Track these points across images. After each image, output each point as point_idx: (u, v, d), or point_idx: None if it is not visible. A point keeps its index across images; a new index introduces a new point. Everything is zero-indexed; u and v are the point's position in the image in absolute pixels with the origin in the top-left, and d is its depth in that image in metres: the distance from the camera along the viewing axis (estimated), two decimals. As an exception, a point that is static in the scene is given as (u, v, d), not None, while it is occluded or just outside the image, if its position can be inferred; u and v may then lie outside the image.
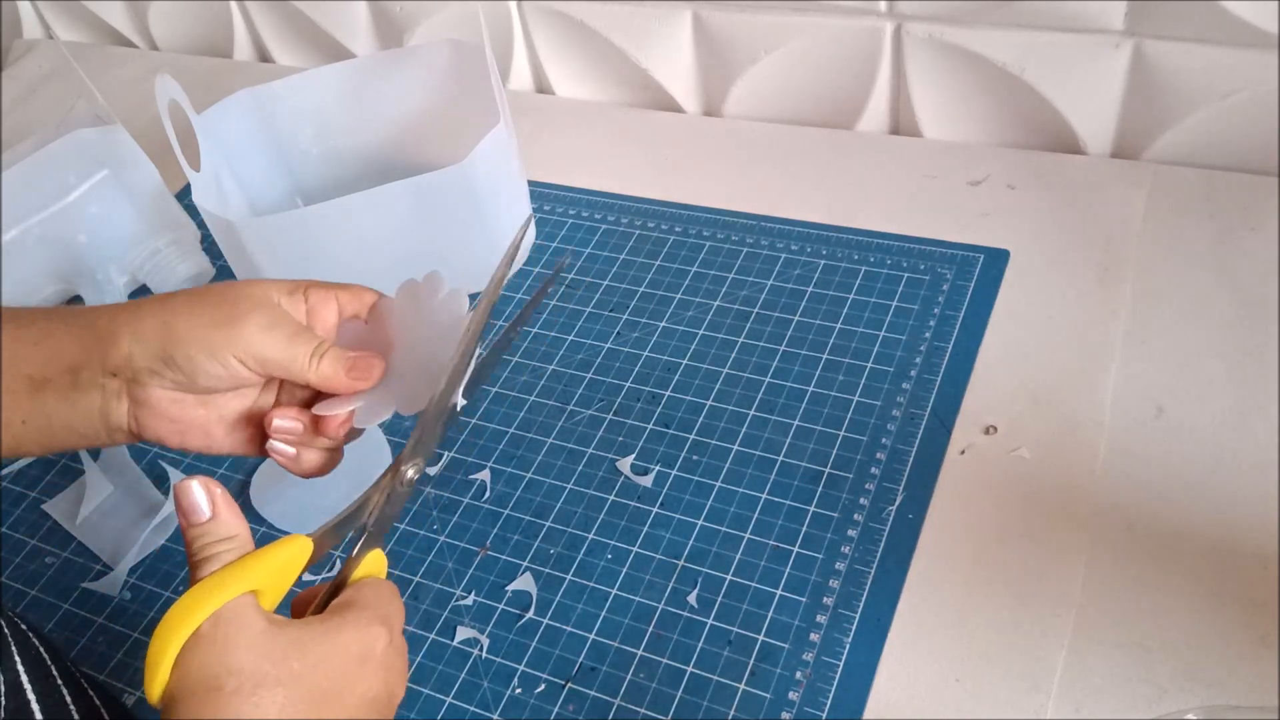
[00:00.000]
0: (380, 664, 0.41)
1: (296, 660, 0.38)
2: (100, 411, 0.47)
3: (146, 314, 0.47)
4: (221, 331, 0.46)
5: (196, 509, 0.41)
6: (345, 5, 0.98)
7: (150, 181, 0.79)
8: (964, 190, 0.76)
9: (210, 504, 0.41)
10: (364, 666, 0.40)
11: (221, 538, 0.40)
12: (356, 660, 0.40)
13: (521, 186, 0.75)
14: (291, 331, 0.47)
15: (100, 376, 0.47)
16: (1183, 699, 0.50)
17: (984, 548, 0.57)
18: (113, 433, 0.48)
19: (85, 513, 0.67)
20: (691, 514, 0.61)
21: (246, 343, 0.46)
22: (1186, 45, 0.69)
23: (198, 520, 0.40)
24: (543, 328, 0.73)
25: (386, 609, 0.43)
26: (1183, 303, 0.65)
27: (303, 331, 0.48)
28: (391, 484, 0.46)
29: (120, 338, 0.46)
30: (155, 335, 0.46)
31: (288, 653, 0.38)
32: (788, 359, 0.67)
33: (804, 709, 0.52)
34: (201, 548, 0.40)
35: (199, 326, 0.46)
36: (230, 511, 0.41)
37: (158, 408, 0.47)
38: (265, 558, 0.40)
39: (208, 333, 0.46)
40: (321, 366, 0.47)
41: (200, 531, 0.40)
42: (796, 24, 0.80)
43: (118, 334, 0.46)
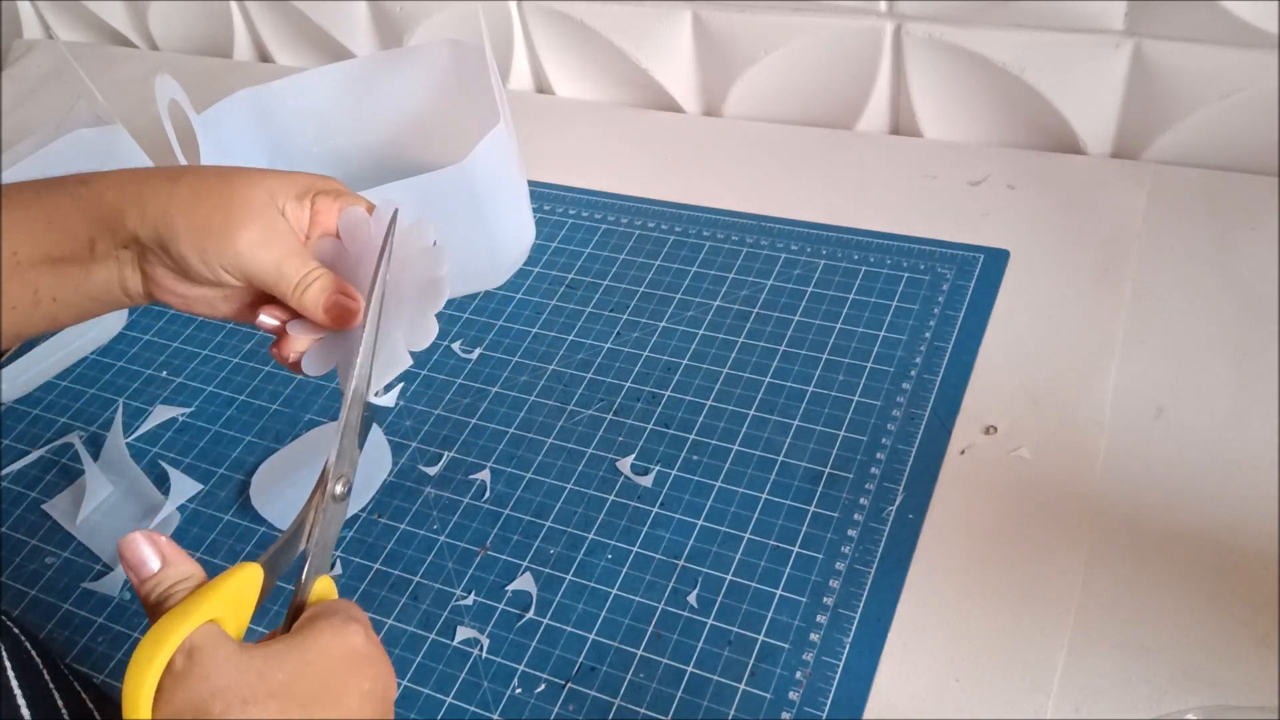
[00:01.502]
0: (365, 657, 0.40)
1: (280, 672, 0.38)
2: (118, 280, 0.48)
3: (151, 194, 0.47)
4: (213, 239, 0.46)
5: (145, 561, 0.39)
6: (345, 5, 0.98)
7: (150, 181, 0.78)
8: (964, 190, 0.76)
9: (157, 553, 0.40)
10: (351, 663, 0.40)
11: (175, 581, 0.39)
12: (341, 659, 0.40)
13: (521, 186, 0.75)
14: (284, 252, 0.47)
15: (114, 249, 0.47)
16: (1183, 699, 0.50)
17: (984, 548, 0.57)
18: (133, 297, 0.49)
19: (85, 513, 0.67)
20: (691, 514, 0.61)
21: (236, 254, 0.46)
22: (1186, 45, 0.69)
23: (148, 573, 0.39)
24: (543, 328, 0.73)
25: (352, 612, 0.42)
26: (1183, 303, 0.66)
27: (295, 254, 0.47)
28: (324, 502, 0.44)
29: (127, 215, 0.47)
30: (156, 221, 0.46)
31: (269, 666, 0.38)
32: (788, 359, 0.67)
33: (804, 709, 0.52)
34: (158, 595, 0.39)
35: (194, 228, 0.46)
36: (178, 555, 0.40)
37: (163, 282, 0.48)
38: (219, 587, 0.39)
39: (200, 237, 0.46)
40: (304, 297, 0.47)
41: (154, 581, 0.39)
42: (796, 24, 0.80)
43: (125, 211, 0.47)
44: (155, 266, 0.48)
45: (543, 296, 0.75)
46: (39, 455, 0.72)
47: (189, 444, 0.71)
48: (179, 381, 0.75)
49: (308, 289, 0.47)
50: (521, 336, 0.73)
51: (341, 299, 0.48)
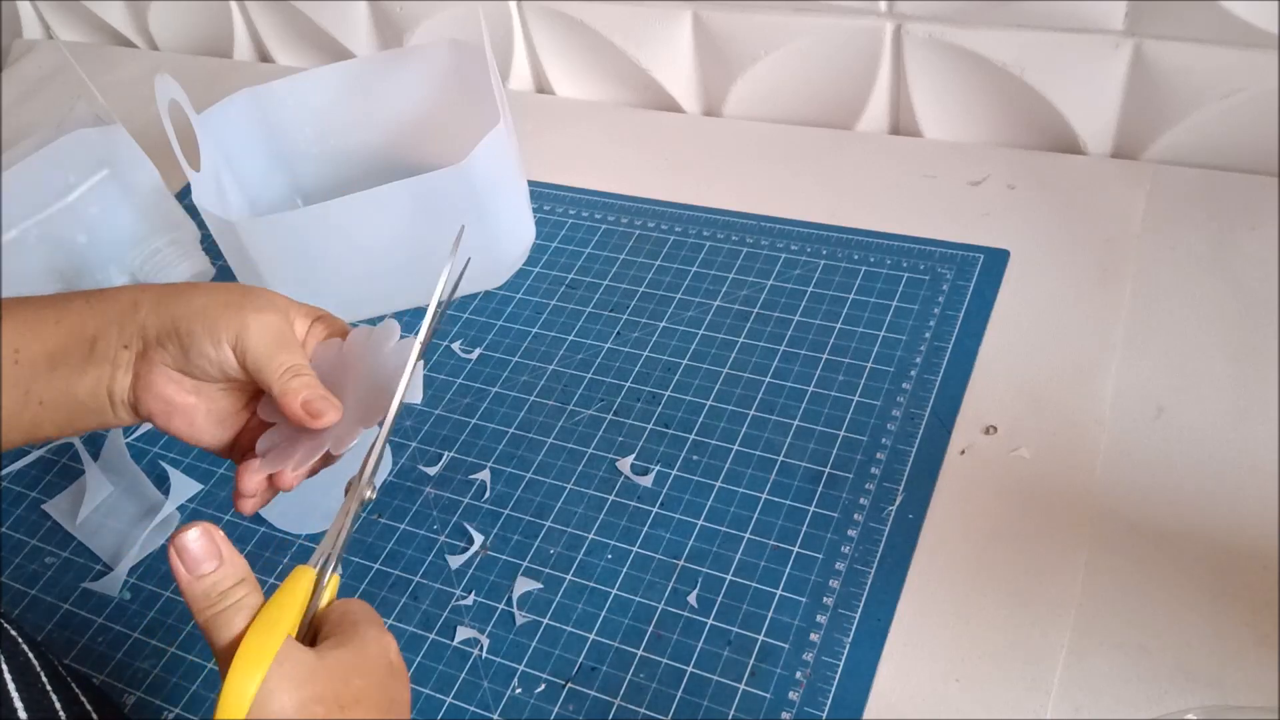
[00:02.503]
0: (400, 670, 0.43)
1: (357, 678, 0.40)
2: (106, 385, 0.48)
3: (172, 292, 0.49)
4: (229, 314, 0.47)
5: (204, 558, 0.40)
6: (345, 5, 0.98)
7: (150, 181, 0.79)
8: (964, 190, 0.76)
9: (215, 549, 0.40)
10: (392, 675, 0.42)
11: (235, 582, 0.40)
12: (387, 670, 0.41)
13: (521, 186, 0.75)
14: (286, 341, 0.48)
15: (114, 349, 0.48)
16: (1183, 699, 0.50)
17: (984, 548, 0.57)
18: (115, 407, 0.49)
19: (85, 513, 0.67)
20: (691, 514, 0.61)
21: (241, 328, 0.47)
22: (1186, 45, 0.69)
23: (206, 571, 0.40)
24: (543, 328, 0.73)
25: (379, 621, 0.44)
26: (1183, 303, 0.66)
27: (295, 347, 0.49)
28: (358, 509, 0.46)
29: (140, 307, 0.48)
30: (172, 304, 0.48)
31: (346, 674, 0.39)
32: (788, 359, 0.67)
33: (804, 709, 0.52)
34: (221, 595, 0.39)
35: (214, 305, 0.48)
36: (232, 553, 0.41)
37: (154, 385, 0.48)
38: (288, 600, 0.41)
39: (218, 311, 0.47)
40: (288, 384, 0.47)
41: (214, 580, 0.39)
42: (796, 24, 0.80)
43: (139, 305, 0.48)
44: (152, 364, 0.48)
45: (543, 296, 0.75)
46: (39, 455, 0.72)
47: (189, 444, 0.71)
48: (179, 381, 0.75)
49: (295, 377, 0.48)
50: (521, 336, 0.73)
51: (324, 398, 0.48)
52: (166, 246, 0.79)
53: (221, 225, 0.69)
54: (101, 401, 0.49)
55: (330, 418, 0.48)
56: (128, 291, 0.49)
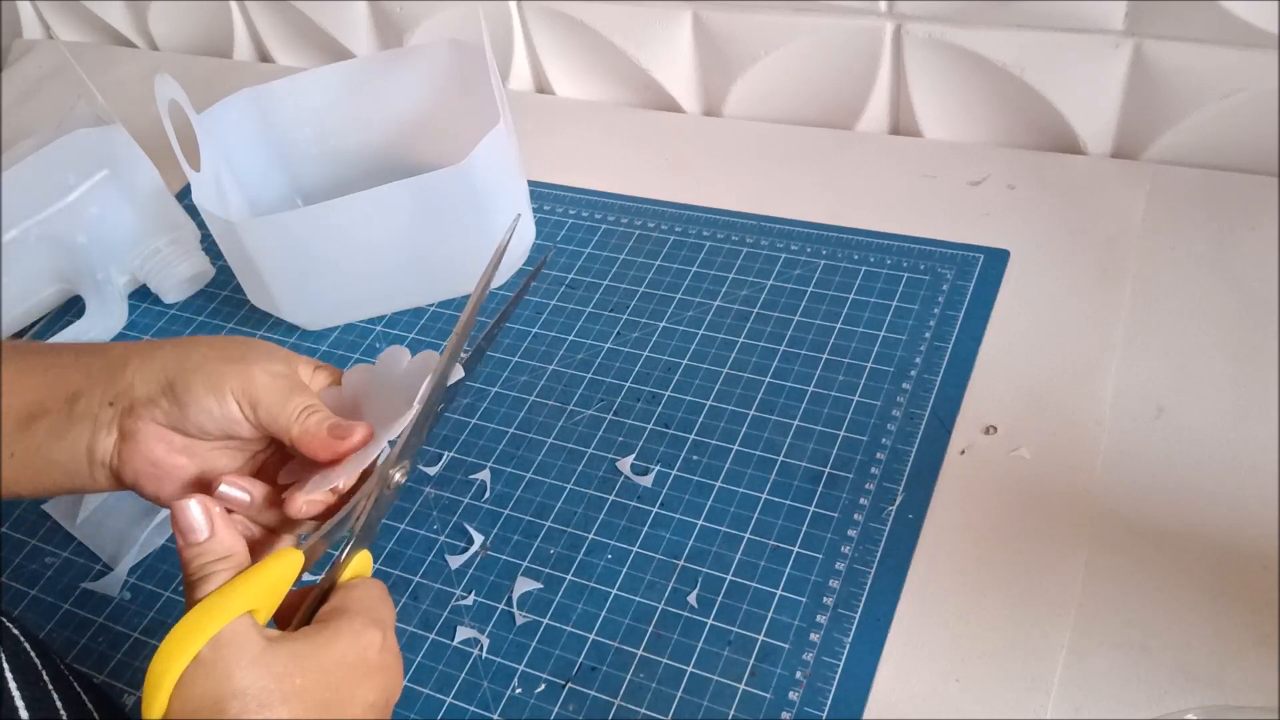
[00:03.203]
0: (377, 668, 0.42)
1: (298, 675, 0.39)
2: (87, 445, 0.46)
3: (165, 345, 0.47)
4: (229, 368, 0.46)
5: (195, 528, 0.40)
6: (345, 5, 0.98)
7: (150, 181, 0.79)
8: (964, 190, 0.76)
9: (209, 522, 0.41)
10: (362, 673, 0.41)
11: (219, 556, 0.40)
12: (354, 668, 0.41)
13: (521, 186, 0.75)
14: (293, 385, 0.47)
15: (96, 406, 0.46)
16: (1183, 699, 0.50)
17: (984, 548, 0.57)
18: (94, 469, 0.47)
19: (85, 513, 0.67)
20: (691, 514, 0.61)
21: (248, 381, 0.46)
22: (1186, 45, 0.69)
23: (196, 539, 0.40)
24: (543, 328, 0.73)
25: (378, 612, 0.43)
26: (1183, 303, 0.66)
27: (304, 390, 0.47)
28: (378, 488, 0.45)
29: (129, 364, 0.46)
30: (166, 362, 0.46)
31: (289, 669, 0.39)
32: (788, 359, 0.67)
33: (804, 709, 0.52)
34: (199, 567, 0.40)
35: (211, 359, 0.46)
36: (228, 530, 0.41)
37: (142, 446, 0.46)
38: (259, 575, 0.40)
39: (217, 366, 0.46)
40: (306, 423, 0.46)
41: (198, 551, 0.40)
42: (796, 24, 0.80)
43: (128, 360, 0.46)
44: (142, 421, 0.46)
45: (543, 296, 0.75)
46: (39, 455, 0.72)
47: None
48: (179, 381, 0.75)
49: (311, 415, 0.46)
50: (521, 336, 0.73)
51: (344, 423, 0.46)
52: (166, 246, 0.79)
53: (221, 225, 0.69)
54: (79, 463, 0.47)
55: (359, 435, 0.46)
56: (118, 347, 0.48)
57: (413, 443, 0.47)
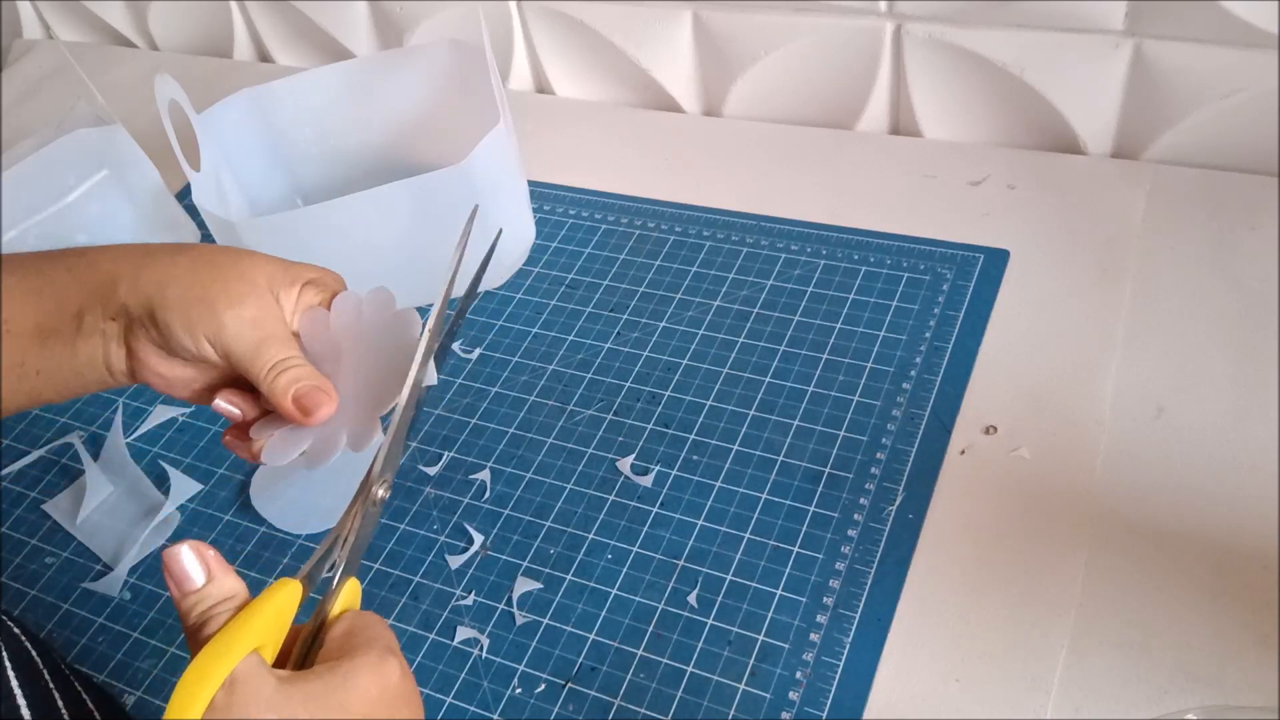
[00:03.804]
0: (398, 696, 0.40)
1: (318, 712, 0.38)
2: (102, 356, 0.48)
3: (148, 265, 0.47)
4: (202, 310, 0.46)
5: (188, 577, 0.39)
6: (345, 5, 0.98)
7: (150, 181, 0.79)
8: (964, 190, 0.76)
9: (204, 567, 0.39)
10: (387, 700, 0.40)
11: (220, 599, 0.39)
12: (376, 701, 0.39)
13: (521, 186, 0.75)
14: (266, 334, 0.46)
15: (101, 321, 0.47)
16: (1183, 699, 0.50)
17: (984, 548, 0.57)
18: (115, 376, 0.49)
19: (85, 513, 0.67)
20: (691, 514, 0.61)
21: (219, 327, 0.46)
22: (1186, 45, 0.69)
23: (191, 588, 0.39)
24: (543, 328, 0.73)
25: (387, 640, 0.41)
26: (1183, 303, 0.65)
27: (277, 339, 0.47)
28: (363, 507, 0.44)
29: (120, 283, 0.47)
30: (149, 291, 0.46)
31: (307, 707, 0.37)
32: (788, 359, 0.67)
33: (804, 709, 0.52)
34: (199, 614, 0.39)
35: (187, 299, 0.46)
36: (225, 572, 0.40)
37: (146, 360, 0.48)
38: (262, 610, 0.39)
39: (191, 307, 0.46)
40: (275, 382, 0.46)
41: (196, 599, 0.39)
42: (796, 24, 0.80)
43: (119, 279, 0.47)
44: (140, 341, 0.47)
45: (543, 296, 0.75)
46: (39, 455, 0.72)
47: (189, 444, 0.71)
48: (179, 381, 0.75)
49: (281, 374, 0.46)
50: (521, 336, 0.73)
51: (314, 390, 0.46)
52: (166, 246, 0.79)
53: (221, 225, 0.69)
54: (100, 372, 0.48)
55: (325, 411, 0.46)
56: (106, 260, 0.48)
57: (393, 454, 0.45)
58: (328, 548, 0.43)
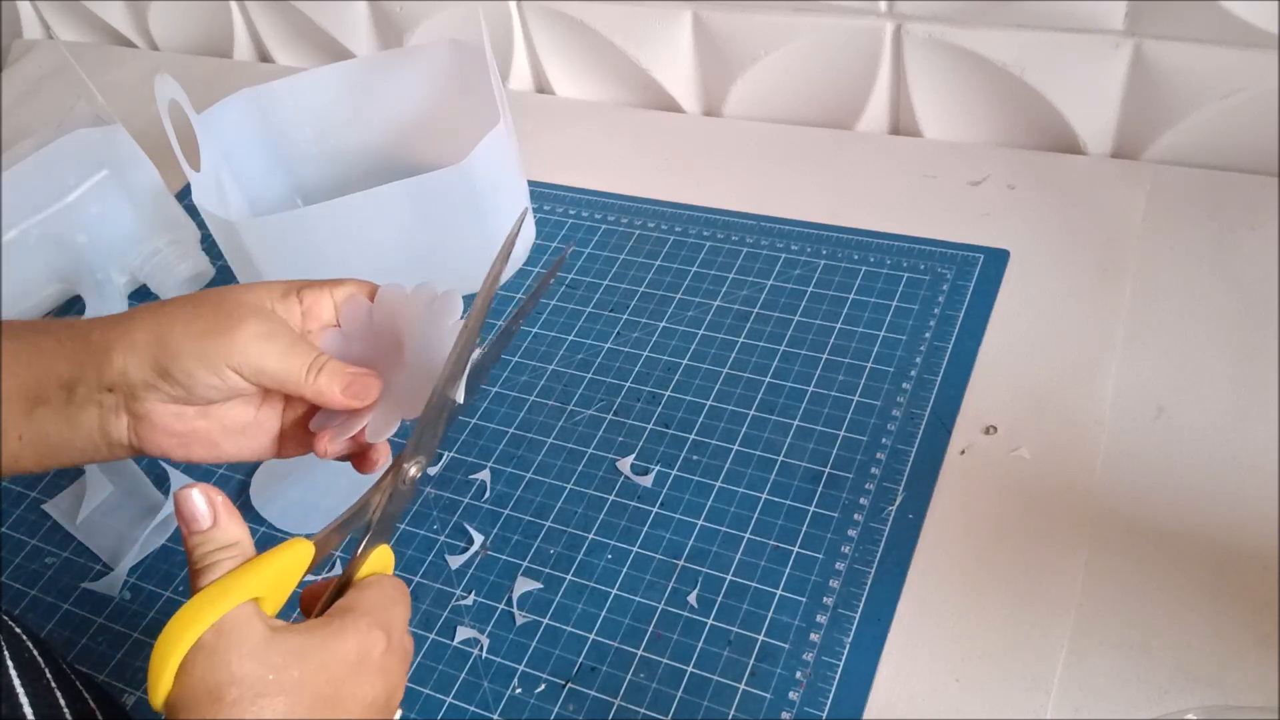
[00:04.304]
0: (378, 668, 0.41)
1: (296, 668, 0.39)
2: (99, 428, 0.46)
3: (139, 325, 0.46)
4: (216, 341, 0.45)
5: (197, 517, 0.40)
6: (345, 5, 0.98)
7: (150, 181, 0.79)
8: (964, 190, 0.76)
9: (211, 511, 0.40)
10: (362, 671, 0.41)
11: (223, 545, 0.40)
12: (354, 665, 0.40)
13: (521, 186, 0.75)
14: (288, 342, 0.46)
15: (96, 392, 0.46)
16: (1183, 699, 0.50)
17: (984, 548, 0.57)
18: (113, 448, 0.47)
19: (85, 513, 0.67)
20: (691, 514, 0.61)
21: (242, 353, 0.45)
22: (1186, 45, 0.69)
23: (199, 528, 0.40)
24: (543, 328, 0.73)
25: (388, 612, 0.42)
26: (1183, 303, 0.66)
27: (299, 342, 0.47)
28: (394, 483, 0.46)
29: (113, 351, 0.45)
30: (149, 348, 0.45)
31: (288, 660, 0.38)
32: (788, 359, 0.67)
33: (804, 709, 0.52)
34: (202, 556, 0.40)
35: (193, 337, 0.45)
36: (231, 519, 0.41)
37: (158, 422, 0.46)
38: (266, 564, 0.40)
39: (202, 343, 0.45)
40: (318, 381, 0.46)
41: (201, 539, 0.40)
42: (796, 24, 0.80)
43: (111, 347, 0.45)
44: (148, 404, 0.46)
45: (543, 296, 0.75)
46: (39, 455, 0.72)
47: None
48: (179, 381, 0.75)
49: (320, 372, 0.46)
50: (521, 336, 0.73)
51: (359, 376, 0.47)
52: (166, 246, 0.79)
53: (221, 225, 0.69)
54: (93, 443, 0.47)
55: (375, 390, 0.47)
56: (96, 331, 0.46)
57: (428, 437, 0.46)
58: (349, 516, 0.44)
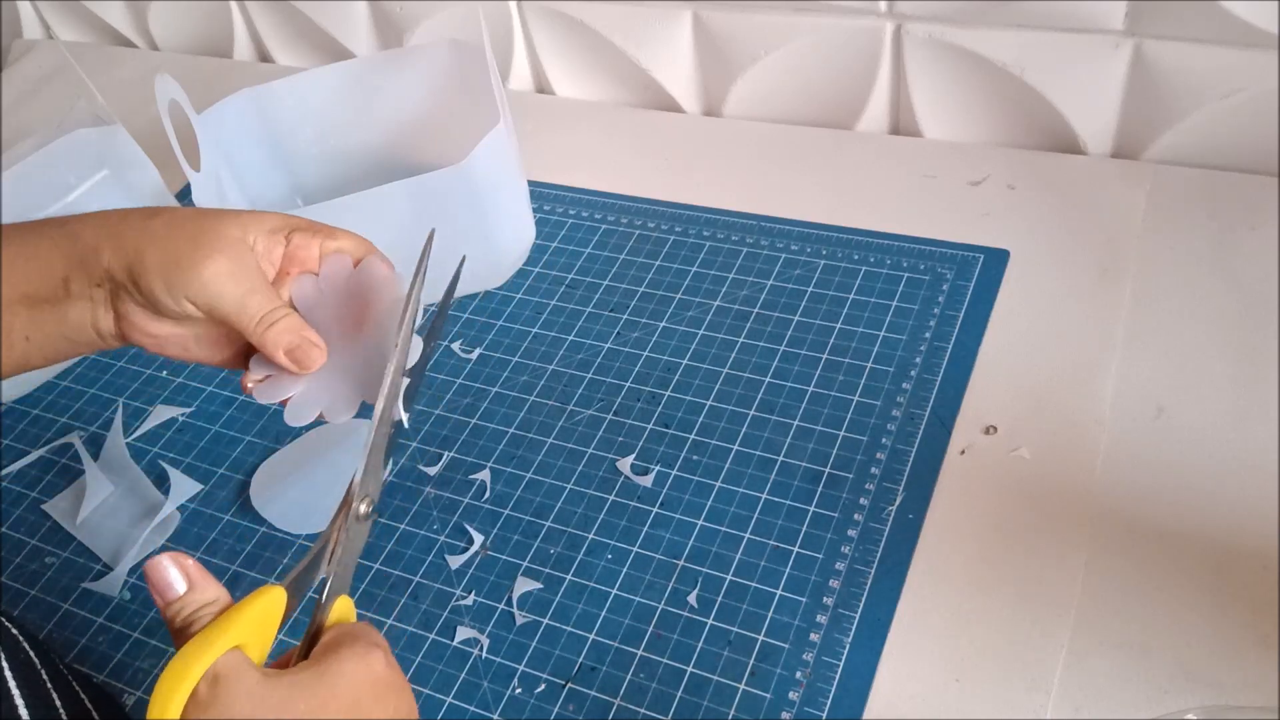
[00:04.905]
0: (388, 685, 0.41)
1: (302, 702, 0.38)
2: (90, 321, 0.48)
3: (127, 230, 0.48)
4: (180, 271, 0.46)
5: (171, 583, 0.40)
6: (345, 5, 0.98)
7: (150, 181, 0.79)
8: (964, 190, 0.76)
9: (185, 577, 0.40)
10: (374, 691, 0.40)
11: (201, 605, 0.39)
12: (365, 686, 0.40)
13: (521, 186, 0.75)
14: (250, 287, 0.47)
15: (88, 287, 0.48)
16: (1183, 699, 0.50)
17: (984, 548, 0.57)
18: (105, 339, 0.49)
19: (85, 513, 0.67)
20: (691, 514, 0.61)
21: (201, 286, 0.46)
22: (1186, 45, 0.69)
23: (174, 595, 0.39)
24: (543, 328, 0.73)
25: (371, 637, 0.42)
26: (1183, 303, 0.66)
27: (261, 290, 0.47)
28: (346, 522, 0.44)
29: (102, 250, 0.47)
30: (128, 256, 0.47)
31: (292, 696, 0.38)
32: (788, 359, 0.67)
33: (804, 709, 0.52)
34: (184, 619, 0.39)
35: (164, 261, 0.46)
36: (204, 578, 0.40)
37: (135, 321, 0.48)
38: (244, 611, 0.39)
39: (169, 269, 0.46)
40: (268, 334, 0.47)
41: (180, 604, 0.39)
42: (796, 24, 0.80)
43: (100, 248, 0.47)
44: (127, 304, 0.48)
45: (543, 296, 0.75)
46: (39, 455, 0.72)
47: (189, 444, 0.71)
48: (179, 381, 0.75)
49: (271, 326, 0.47)
50: (521, 336, 0.73)
51: (304, 342, 0.48)
52: (166, 246, 0.79)
53: (221, 225, 0.68)
54: (89, 335, 0.49)
55: (316, 362, 0.48)
56: (89, 228, 0.48)
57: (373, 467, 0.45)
58: (312, 558, 0.43)
